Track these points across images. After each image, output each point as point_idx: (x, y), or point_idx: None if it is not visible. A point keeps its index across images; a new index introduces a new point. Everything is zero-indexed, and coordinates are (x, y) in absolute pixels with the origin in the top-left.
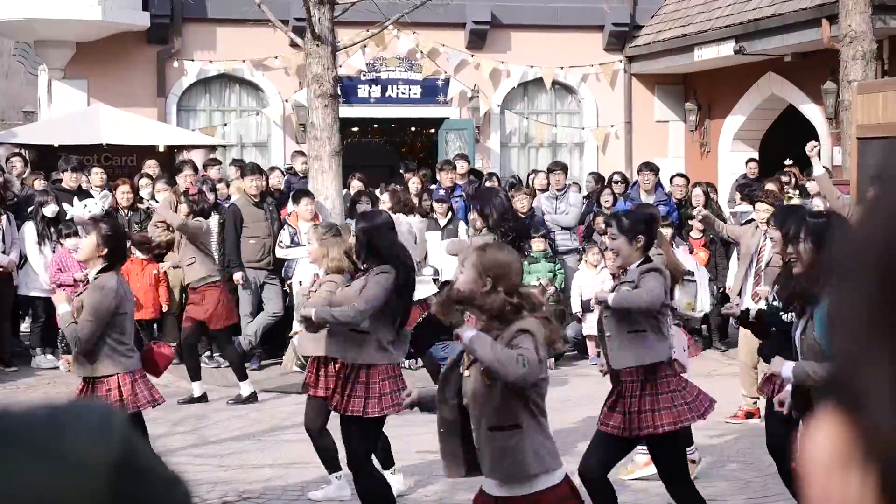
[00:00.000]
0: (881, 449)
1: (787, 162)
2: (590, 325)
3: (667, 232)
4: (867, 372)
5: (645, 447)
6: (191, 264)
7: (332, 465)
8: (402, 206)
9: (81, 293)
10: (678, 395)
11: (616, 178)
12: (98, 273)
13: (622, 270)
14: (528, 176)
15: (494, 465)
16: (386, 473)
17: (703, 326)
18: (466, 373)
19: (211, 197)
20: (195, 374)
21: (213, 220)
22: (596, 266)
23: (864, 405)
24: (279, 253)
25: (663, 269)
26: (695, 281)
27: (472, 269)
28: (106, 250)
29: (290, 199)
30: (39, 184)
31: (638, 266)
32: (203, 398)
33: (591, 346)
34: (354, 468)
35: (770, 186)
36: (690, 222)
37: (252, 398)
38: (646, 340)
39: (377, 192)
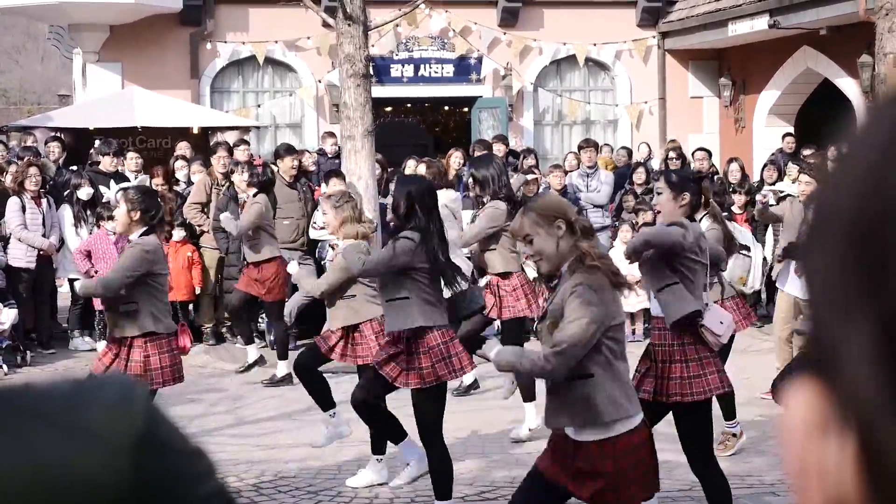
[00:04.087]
0: (857, 414)
1: None
2: (627, 303)
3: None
4: (842, 336)
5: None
6: (254, 245)
7: (326, 403)
8: (440, 178)
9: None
10: (708, 362)
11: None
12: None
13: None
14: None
15: (570, 414)
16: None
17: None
18: (539, 327)
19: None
20: (248, 339)
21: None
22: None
23: (839, 370)
24: (313, 234)
25: (692, 225)
26: (750, 257)
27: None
28: (138, 214)
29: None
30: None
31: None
32: (257, 363)
33: (626, 323)
34: (425, 440)
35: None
36: (734, 197)
37: (287, 379)
38: (674, 294)
39: (411, 164)
